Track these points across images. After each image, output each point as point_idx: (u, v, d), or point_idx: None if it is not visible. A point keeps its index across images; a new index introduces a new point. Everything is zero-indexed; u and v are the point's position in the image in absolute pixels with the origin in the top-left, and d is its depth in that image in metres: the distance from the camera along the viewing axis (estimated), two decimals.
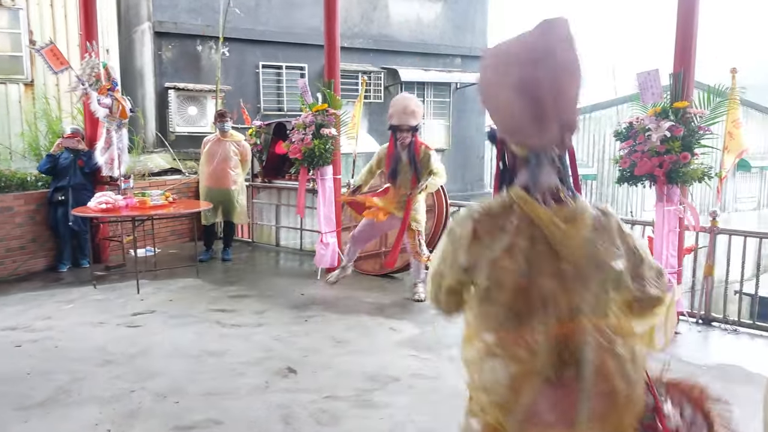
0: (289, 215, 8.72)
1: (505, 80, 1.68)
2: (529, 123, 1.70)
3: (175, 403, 3.70)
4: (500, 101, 1.73)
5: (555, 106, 1.67)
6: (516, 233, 1.71)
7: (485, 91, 1.76)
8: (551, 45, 1.65)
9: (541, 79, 1.65)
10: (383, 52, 14.19)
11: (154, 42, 11.25)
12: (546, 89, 1.65)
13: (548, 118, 1.68)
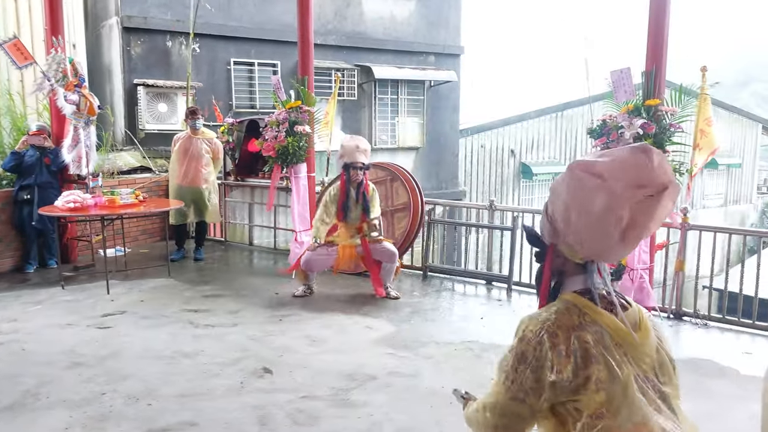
0: (262, 214, 8.63)
1: (611, 202, 1.64)
2: (617, 243, 1.68)
3: (148, 405, 3.62)
4: (593, 218, 1.68)
5: (642, 233, 1.69)
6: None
7: (573, 201, 1.72)
8: (663, 184, 1.63)
9: (648, 211, 1.65)
10: (357, 50, 14.13)
11: (122, 37, 11.02)
12: (649, 220, 1.66)
13: (634, 242, 1.69)
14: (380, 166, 7.27)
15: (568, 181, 1.75)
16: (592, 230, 1.70)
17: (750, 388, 3.93)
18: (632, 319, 1.72)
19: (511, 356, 1.72)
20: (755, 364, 4.41)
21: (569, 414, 1.69)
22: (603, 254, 1.75)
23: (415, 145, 15.16)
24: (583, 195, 1.69)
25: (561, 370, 1.64)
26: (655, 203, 1.64)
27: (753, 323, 5.17)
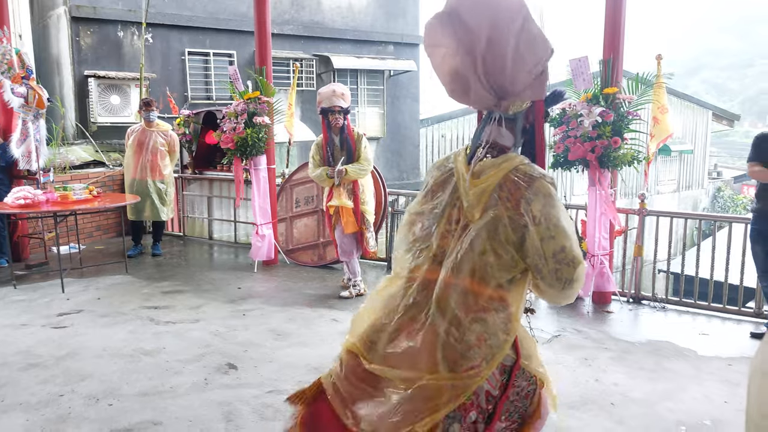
0: (221, 207, 8.48)
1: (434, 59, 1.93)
2: (457, 90, 1.93)
3: (109, 405, 3.52)
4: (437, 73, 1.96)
5: (483, 70, 1.83)
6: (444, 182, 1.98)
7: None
8: (459, 12, 1.82)
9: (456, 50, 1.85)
10: (315, 39, 13.98)
11: (71, 27, 10.64)
12: (462, 57, 1.84)
13: (470, 82, 1.87)
14: None
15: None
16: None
17: (706, 369, 4.06)
18: (485, 167, 1.91)
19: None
20: (711, 345, 4.55)
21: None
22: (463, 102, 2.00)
23: (376, 135, 15.11)
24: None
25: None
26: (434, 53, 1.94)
27: (709, 305, 5.33)
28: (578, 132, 5.00)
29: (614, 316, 5.19)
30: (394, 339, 1.88)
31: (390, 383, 1.85)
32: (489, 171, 1.87)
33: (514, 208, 1.79)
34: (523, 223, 1.79)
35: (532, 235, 1.78)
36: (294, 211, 7.18)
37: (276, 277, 6.40)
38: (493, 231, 1.80)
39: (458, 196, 1.90)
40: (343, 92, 5.47)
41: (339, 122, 5.45)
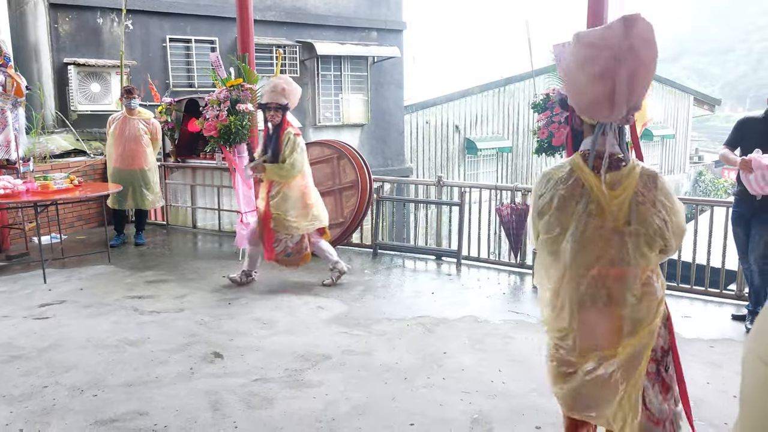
0: (205, 195, 8.40)
1: (591, 68, 2.13)
2: (602, 103, 2.16)
3: (94, 396, 3.48)
4: (582, 82, 2.18)
5: (628, 92, 2.12)
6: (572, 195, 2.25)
7: (571, 71, 2.21)
8: (635, 45, 2.09)
9: (621, 73, 2.10)
10: (298, 25, 13.85)
11: (49, 14, 10.44)
12: (623, 80, 2.10)
13: (620, 101, 2.13)
14: (327, 144, 7.17)
15: (572, 48, 2.23)
16: (577, 89, 2.21)
17: (688, 350, 4.11)
18: (616, 179, 2.22)
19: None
20: (694, 327, 4.60)
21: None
22: (590, 110, 2.23)
23: (360, 122, 15.05)
24: (569, 60, 2.22)
25: (542, 205, 2.31)
26: (619, 61, 2.11)
27: (691, 288, 5.38)
28: (562, 117, 5.00)
29: None
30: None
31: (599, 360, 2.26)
32: (624, 182, 2.23)
33: (653, 207, 2.21)
34: (662, 216, 2.21)
35: (668, 221, 2.22)
36: None
37: (261, 266, 6.36)
38: (645, 232, 2.21)
39: (596, 206, 2.23)
40: (284, 88, 5.34)
41: (275, 120, 5.35)
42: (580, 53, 2.17)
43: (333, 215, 6.71)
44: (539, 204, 2.31)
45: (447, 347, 4.14)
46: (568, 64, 2.21)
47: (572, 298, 2.26)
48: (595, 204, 2.21)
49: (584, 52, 2.15)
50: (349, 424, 3.17)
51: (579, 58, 2.16)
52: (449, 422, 3.20)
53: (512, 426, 3.17)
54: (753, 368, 0.63)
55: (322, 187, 6.85)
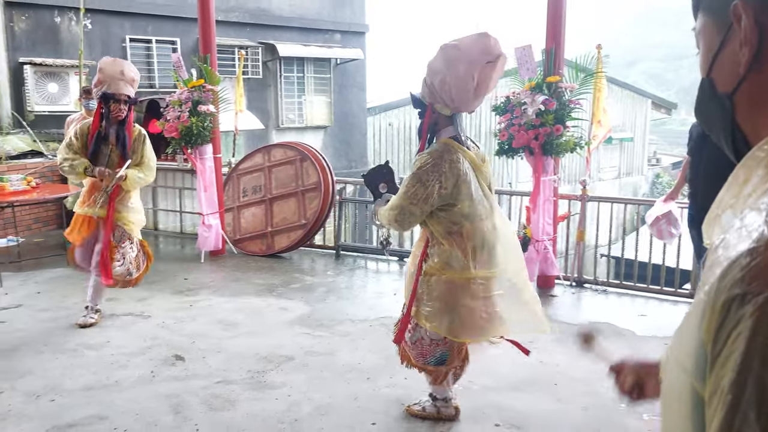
0: (167, 197, 8.30)
1: (469, 68, 2.75)
2: (469, 98, 2.85)
3: (51, 401, 3.43)
4: (458, 79, 2.78)
5: (486, 90, 2.87)
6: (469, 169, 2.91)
7: (446, 69, 2.78)
8: (498, 54, 2.78)
9: (489, 74, 2.81)
10: (261, 27, 13.77)
11: (4, 12, 10.17)
12: (489, 80, 2.83)
13: (481, 96, 2.89)
14: (289, 146, 7.17)
15: (441, 56, 2.80)
16: (458, 88, 2.80)
17: (644, 348, 4.25)
18: (480, 155, 3.01)
19: (410, 179, 2.84)
20: (649, 325, 4.75)
21: (441, 218, 2.89)
22: (464, 106, 2.90)
23: (323, 123, 15.04)
24: (453, 64, 2.75)
25: (446, 185, 2.81)
26: (493, 68, 2.80)
27: (647, 287, 5.55)
28: (522, 120, 5.11)
29: (558, 299, 5.35)
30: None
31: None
32: (481, 155, 3.03)
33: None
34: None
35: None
36: (241, 200, 7.09)
37: (224, 268, 6.33)
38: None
39: (481, 174, 2.98)
40: (133, 77, 4.52)
41: (122, 114, 4.44)
42: (461, 59, 2.74)
43: (296, 217, 6.72)
44: (449, 185, 2.82)
45: None
46: (447, 67, 2.76)
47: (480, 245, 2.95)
48: (478, 173, 2.96)
49: (465, 59, 2.74)
50: (312, 425, 3.19)
51: (460, 62, 2.74)
52: (411, 421, 3.24)
53: (473, 424, 3.23)
54: (674, 374, 0.68)
55: (284, 188, 6.86)
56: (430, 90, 2.87)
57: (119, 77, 4.42)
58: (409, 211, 2.83)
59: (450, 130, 2.92)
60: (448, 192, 2.82)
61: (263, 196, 6.95)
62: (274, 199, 6.90)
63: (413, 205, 2.81)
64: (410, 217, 2.85)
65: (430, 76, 2.84)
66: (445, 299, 2.89)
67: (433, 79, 2.82)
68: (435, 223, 2.91)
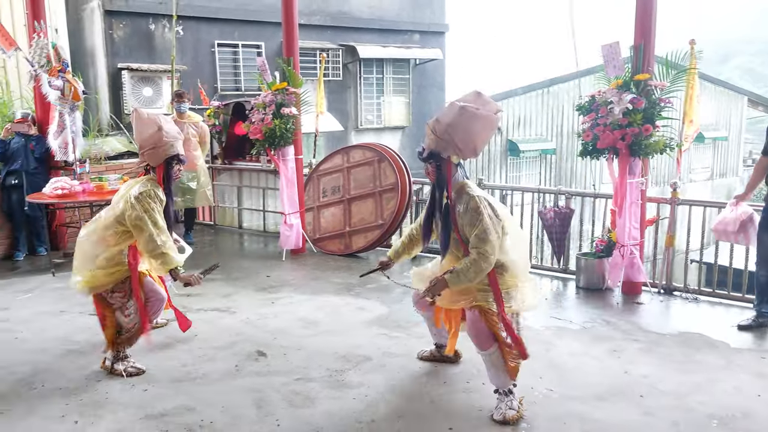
0: (251, 197, 8.58)
1: (484, 122, 3.24)
2: (480, 147, 3.34)
3: (144, 391, 3.62)
4: (472, 134, 3.23)
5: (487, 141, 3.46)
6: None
7: (467, 125, 3.19)
8: (498, 110, 3.30)
9: (492, 129, 3.35)
10: (341, 29, 14.01)
11: (104, 20, 10.85)
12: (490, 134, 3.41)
13: (484, 146, 3.43)
14: (368, 147, 7.24)
15: (460, 114, 3.19)
16: (479, 140, 3.27)
17: (739, 361, 4.01)
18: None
19: (482, 217, 3.19)
20: (745, 337, 4.48)
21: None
22: (476, 153, 3.34)
23: (401, 124, 15.12)
24: (472, 121, 3.19)
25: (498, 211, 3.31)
26: (497, 120, 3.29)
27: (742, 296, 5.22)
28: (608, 120, 4.94)
29: (644, 307, 5.13)
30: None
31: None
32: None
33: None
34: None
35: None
36: (321, 200, 7.24)
37: (304, 266, 6.47)
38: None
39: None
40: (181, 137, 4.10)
41: (180, 175, 4.15)
42: (479, 116, 3.18)
43: (373, 217, 6.78)
44: (499, 220, 3.26)
45: None
46: (469, 123, 3.18)
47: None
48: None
49: (482, 116, 3.20)
50: (389, 427, 3.21)
51: (479, 120, 3.19)
52: (489, 427, 3.21)
53: None
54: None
55: (362, 189, 6.94)
56: (447, 144, 3.24)
57: (179, 137, 4.07)
58: (498, 245, 3.24)
59: (461, 174, 3.36)
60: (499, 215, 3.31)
61: (342, 196, 7.07)
62: (352, 199, 7.00)
63: (499, 238, 3.23)
64: (497, 250, 3.24)
65: (450, 132, 3.20)
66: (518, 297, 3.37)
67: (454, 134, 3.20)
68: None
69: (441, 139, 3.24)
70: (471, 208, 3.21)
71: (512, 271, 3.32)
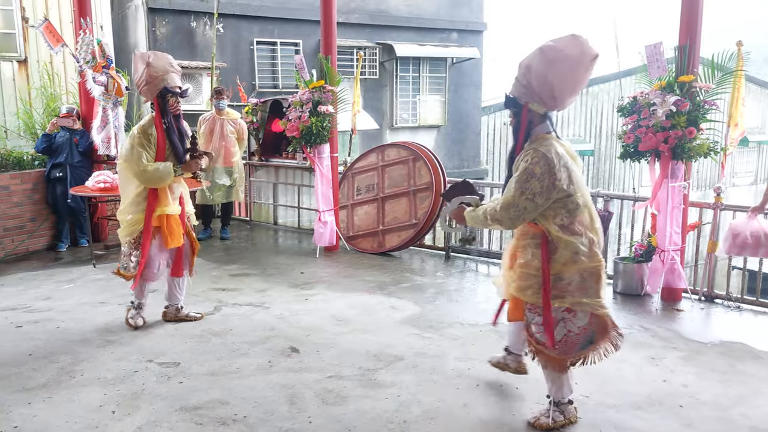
0: (286, 193, 8.66)
1: (570, 68, 2.90)
2: (567, 96, 2.99)
3: (180, 383, 3.68)
4: (560, 79, 2.91)
5: (580, 89, 3.06)
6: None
7: (548, 69, 2.89)
8: (596, 55, 2.90)
9: (586, 74, 2.97)
10: (379, 27, 14.01)
11: (147, 18, 11.06)
12: (584, 80, 3.00)
13: (575, 95, 3.05)
14: (403, 146, 7.23)
15: (541, 57, 2.91)
16: (559, 87, 2.92)
17: None
18: (568, 145, 3.10)
19: (521, 175, 2.91)
20: None
21: (556, 211, 2.96)
22: (560, 104, 3.01)
23: (437, 123, 15.05)
24: (554, 65, 2.88)
25: (561, 177, 2.90)
26: (589, 68, 2.94)
27: None
28: (650, 122, 4.83)
29: (684, 314, 5.01)
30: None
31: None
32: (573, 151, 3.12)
33: None
34: None
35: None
36: (355, 198, 7.25)
37: (337, 263, 6.50)
38: None
39: (577, 167, 3.07)
40: (179, 68, 4.44)
41: (179, 108, 4.47)
42: (562, 60, 2.87)
43: (407, 216, 6.77)
44: (563, 175, 2.91)
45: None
46: (549, 67, 2.88)
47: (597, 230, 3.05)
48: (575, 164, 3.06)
49: (567, 60, 2.87)
50: (420, 428, 3.20)
51: (562, 63, 2.88)
52: None
53: None
54: None
55: (397, 188, 6.93)
56: (527, 89, 2.97)
57: (171, 69, 4.30)
58: (524, 207, 2.91)
59: (545, 127, 3.02)
60: (562, 183, 2.90)
61: (376, 194, 7.07)
62: (386, 198, 7.00)
63: (528, 201, 2.89)
64: (524, 213, 2.93)
65: (527, 76, 2.95)
66: (582, 287, 3.00)
67: (531, 79, 2.93)
68: (550, 219, 2.97)
69: (519, 83, 2.99)
70: (523, 160, 2.93)
71: (570, 254, 2.95)
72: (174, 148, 4.40)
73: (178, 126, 4.47)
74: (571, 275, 2.97)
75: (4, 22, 9.21)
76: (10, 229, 6.67)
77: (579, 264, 2.96)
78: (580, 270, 2.97)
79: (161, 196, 4.41)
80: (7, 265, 6.35)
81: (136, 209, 4.41)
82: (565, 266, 2.97)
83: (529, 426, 3.19)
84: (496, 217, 2.99)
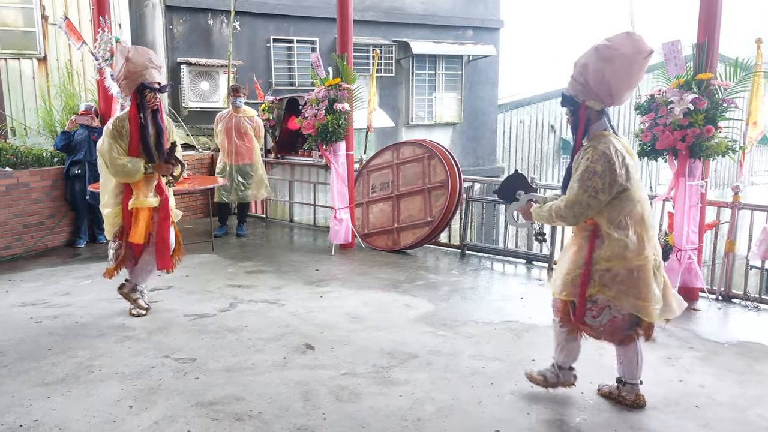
0: (302, 191, 8.70)
1: (626, 64, 2.99)
2: (623, 92, 3.08)
3: (196, 379, 3.72)
4: (617, 75, 3.01)
5: (636, 85, 3.10)
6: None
7: (604, 67, 3.00)
8: (650, 51, 2.98)
9: (641, 70, 3.03)
10: (394, 25, 13.99)
11: (165, 16, 11.14)
12: (640, 75, 3.05)
13: (632, 90, 3.12)
14: (418, 144, 7.23)
15: (597, 55, 3.01)
16: (616, 84, 3.02)
17: None
18: (625, 141, 3.20)
19: (584, 173, 3.03)
20: None
21: (613, 206, 3.07)
22: (617, 100, 3.10)
23: (453, 121, 15.01)
24: (611, 62, 2.98)
25: (620, 174, 3.02)
26: (645, 64, 3.02)
27: None
28: (668, 120, 4.78)
29: (701, 314, 4.96)
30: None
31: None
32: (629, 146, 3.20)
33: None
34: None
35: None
36: (370, 196, 7.27)
37: (352, 261, 6.52)
38: None
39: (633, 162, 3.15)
40: (159, 64, 4.50)
41: (158, 102, 4.50)
42: (618, 57, 2.97)
43: (421, 214, 6.77)
44: (622, 171, 3.02)
45: (536, 355, 4.08)
46: (605, 64, 2.99)
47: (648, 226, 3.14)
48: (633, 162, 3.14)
49: (623, 57, 2.97)
50: (435, 426, 3.20)
51: (618, 60, 2.97)
52: (536, 430, 3.16)
53: None
54: None
55: (412, 186, 6.94)
56: (583, 87, 3.08)
57: (150, 65, 4.37)
58: (587, 204, 3.03)
59: (602, 124, 3.12)
60: (622, 179, 3.02)
61: (391, 192, 7.08)
62: (401, 195, 7.01)
63: (591, 198, 3.01)
64: (587, 209, 3.04)
65: (584, 75, 3.06)
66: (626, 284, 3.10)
67: (588, 77, 3.04)
68: (604, 213, 3.08)
69: (576, 81, 3.11)
70: (583, 159, 3.05)
71: (617, 249, 3.06)
72: (146, 144, 4.46)
73: (156, 121, 4.54)
74: (618, 269, 3.09)
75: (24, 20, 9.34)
76: (30, 226, 6.77)
77: (626, 261, 3.07)
78: (627, 266, 3.08)
79: (135, 189, 4.53)
80: (26, 261, 6.45)
81: (114, 201, 4.61)
82: (610, 261, 3.09)
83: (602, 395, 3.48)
84: (561, 215, 3.11)
